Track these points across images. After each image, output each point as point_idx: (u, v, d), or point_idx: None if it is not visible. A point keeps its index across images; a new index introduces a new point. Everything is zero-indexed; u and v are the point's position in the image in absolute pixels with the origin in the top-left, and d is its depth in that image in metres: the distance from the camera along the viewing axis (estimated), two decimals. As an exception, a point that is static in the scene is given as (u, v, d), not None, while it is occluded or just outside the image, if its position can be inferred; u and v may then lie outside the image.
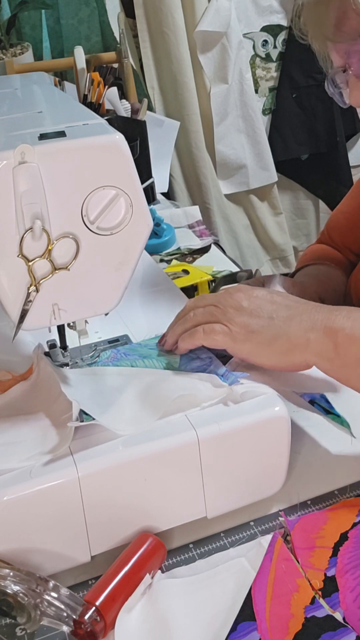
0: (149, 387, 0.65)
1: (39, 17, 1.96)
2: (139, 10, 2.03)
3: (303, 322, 0.65)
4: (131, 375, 0.68)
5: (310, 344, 0.64)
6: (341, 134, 2.36)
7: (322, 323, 0.64)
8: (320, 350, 0.64)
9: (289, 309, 0.67)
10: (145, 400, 0.64)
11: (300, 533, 0.63)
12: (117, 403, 0.63)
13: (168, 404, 0.62)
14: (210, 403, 0.63)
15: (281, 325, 0.65)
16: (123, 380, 0.67)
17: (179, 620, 0.55)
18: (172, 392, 0.63)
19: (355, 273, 0.94)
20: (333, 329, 0.63)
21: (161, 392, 0.64)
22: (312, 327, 0.64)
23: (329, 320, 0.64)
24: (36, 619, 0.54)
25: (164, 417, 0.61)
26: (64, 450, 0.58)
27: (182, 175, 2.22)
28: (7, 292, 0.59)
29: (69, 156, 0.56)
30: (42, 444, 0.60)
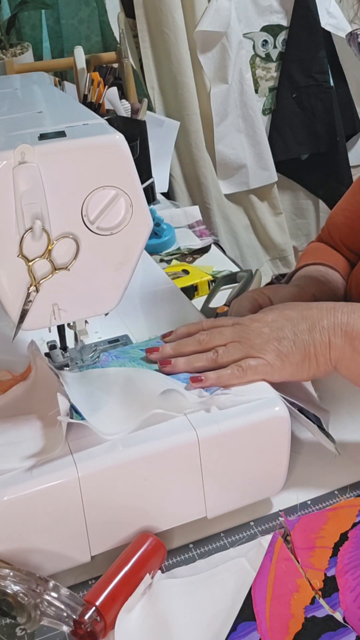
0: (134, 385, 0.65)
1: (39, 17, 1.96)
2: (139, 10, 2.03)
3: (324, 329, 0.66)
4: (116, 375, 0.67)
5: (331, 350, 0.65)
6: (341, 134, 2.36)
7: (341, 328, 0.65)
8: (339, 356, 0.65)
9: (306, 320, 0.67)
10: (131, 399, 0.63)
11: (300, 533, 0.63)
12: (103, 405, 0.63)
13: (153, 400, 0.61)
14: (193, 410, 0.62)
15: (306, 339, 0.66)
16: (109, 381, 0.66)
17: (179, 620, 0.55)
18: (157, 388, 0.63)
19: (355, 272, 0.94)
20: (352, 336, 0.65)
21: (147, 388, 0.64)
22: (333, 333, 0.65)
23: (348, 325, 0.65)
24: (36, 619, 0.54)
25: (151, 422, 0.61)
26: (63, 449, 0.58)
27: (182, 175, 2.22)
28: (7, 292, 0.59)
29: (69, 156, 0.56)
30: (42, 444, 0.60)
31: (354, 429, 0.76)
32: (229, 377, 0.65)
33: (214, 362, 0.67)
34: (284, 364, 0.66)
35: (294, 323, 0.67)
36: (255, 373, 0.66)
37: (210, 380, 0.65)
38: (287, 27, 2.25)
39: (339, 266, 0.98)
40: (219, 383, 0.65)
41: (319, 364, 0.66)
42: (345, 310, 0.67)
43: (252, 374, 0.66)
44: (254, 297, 0.84)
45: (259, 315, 0.71)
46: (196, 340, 0.70)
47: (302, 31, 2.23)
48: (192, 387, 0.64)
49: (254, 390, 0.65)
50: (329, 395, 0.80)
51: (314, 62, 2.26)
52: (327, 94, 2.30)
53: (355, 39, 0.76)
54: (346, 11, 0.80)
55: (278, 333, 0.67)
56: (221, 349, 0.68)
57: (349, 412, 0.78)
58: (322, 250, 1.03)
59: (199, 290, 1.13)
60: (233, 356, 0.67)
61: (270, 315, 0.69)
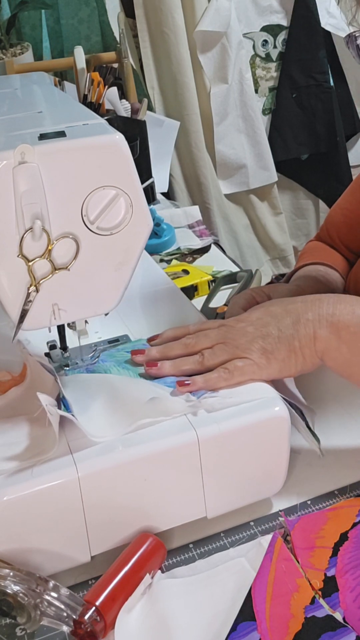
0: (121, 393, 0.65)
1: (39, 17, 1.96)
2: (139, 10, 2.03)
3: (309, 321, 0.65)
4: (102, 382, 0.67)
5: (317, 342, 0.65)
6: (341, 134, 2.36)
7: (326, 319, 0.65)
8: (325, 348, 0.65)
9: (291, 314, 0.67)
10: (116, 407, 0.63)
11: (300, 533, 0.63)
12: (90, 410, 0.63)
13: (140, 408, 0.61)
14: (182, 413, 0.62)
15: (291, 333, 0.66)
16: (94, 388, 0.66)
17: (179, 620, 0.55)
18: (144, 395, 0.62)
19: (354, 271, 0.94)
20: (338, 327, 0.64)
21: (133, 396, 0.63)
22: (318, 324, 0.65)
23: (333, 316, 0.65)
24: (36, 619, 0.54)
25: (137, 428, 0.61)
26: (62, 448, 0.58)
27: (182, 175, 2.22)
28: (7, 292, 0.59)
29: (69, 156, 0.56)
30: (42, 444, 0.60)
31: (354, 429, 0.76)
32: (216, 380, 0.65)
33: (200, 365, 0.67)
34: (269, 361, 0.66)
35: (279, 319, 0.67)
36: (242, 374, 0.65)
37: (197, 384, 0.64)
38: (287, 27, 2.25)
39: (338, 265, 0.98)
40: (207, 387, 0.65)
41: (305, 357, 0.66)
42: (331, 301, 0.66)
43: (239, 375, 0.65)
44: (252, 295, 0.84)
45: (245, 315, 0.70)
46: (182, 344, 0.69)
47: (302, 31, 2.23)
48: (179, 391, 0.64)
49: (245, 391, 0.65)
50: (329, 395, 0.80)
51: (314, 62, 2.27)
52: (327, 94, 2.30)
53: (354, 41, 0.76)
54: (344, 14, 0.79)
55: (262, 330, 0.67)
56: (207, 351, 0.67)
57: (348, 413, 0.78)
58: (321, 249, 1.03)
59: (199, 290, 1.13)
60: (219, 358, 0.66)
61: (255, 314, 0.69)
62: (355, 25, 0.78)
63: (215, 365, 0.66)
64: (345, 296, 0.67)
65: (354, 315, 0.64)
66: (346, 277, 0.97)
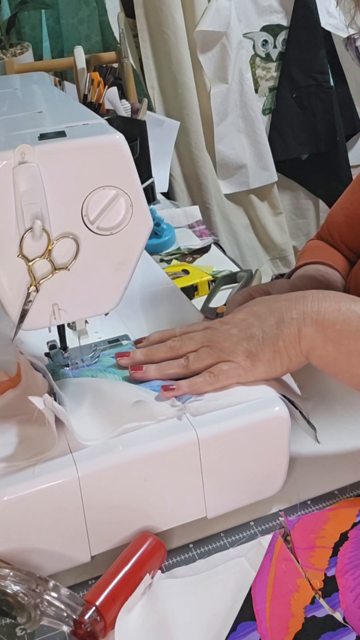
0: (106, 397, 0.64)
1: (39, 17, 1.96)
2: (139, 10, 2.03)
3: (293, 320, 0.65)
4: (87, 387, 0.66)
5: (302, 341, 0.64)
6: (341, 133, 2.36)
7: (311, 317, 0.64)
8: (310, 346, 0.64)
9: (274, 313, 0.66)
10: (101, 411, 0.63)
11: (300, 533, 0.63)
12: (77, 413, 0.62)
13: (125, 412, 0.61)
14: (167, 417, 0.62)
15: (275, 333, 0.65)
16: (79, 393, 0.65)
17: (179, 620, 0.55)
18: (129, 399, 0.62)
19: (355, 271, 0.94)
20: (323, 325, 0.64)
21: (118, 400, 0.63)
22: (303, 323, 0.64)
23: (319, 313, 0.64)
24: (36, 619, 0.54)
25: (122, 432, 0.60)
26: (62, 447, 0.58)
27: (182, 175, 2.22)
28: (7, 292, 0.59)
29: (69, 156, 0.56)
30: (42, 443, 0.60)
31: (354, 429, 0.76)
32: (202, 384, 0.64)
33: (185, 369, 0.66)
34: (254, 363, 0.65)
35: (262, 319, 0.66)
36: (228, 377, 0.65)
37: (182, 389, 0.64)
38: (287, 27, 2.25)
39: (338, 265, 0.97)
40: (192, 391, 0.64)
41: (291, 357, 0.65)
42: (316, 298, 0.66)
43: (224, 379, 0.65)
44: (250, 293, 0.83)
45: (229, 316, 0.70)
46: (167, 347, 0.69)
47: (302, 31, 2.23)
48: (164, 397, 0.63)
49: (238, 392, 0.64)
50: (329, 395, 0.80)
51: (314, 62, 2.27)
52: (327, 94, 2.30)
53: (352, 43, 0.76)
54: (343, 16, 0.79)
55: (247, 332, 0.66)
56: (192, 355, 0.67)
57: (348, 413, 0.78)
58: (321, 248, 1.03)
59: (199, 290, 1.13)
60: (204, 361, 0.66)
61: (239, 315, 0.69)
62: (354, 28, 0.78)
63: (200, 369, 0.66)
64: (330, 293, 0.67)
65: (340, 312, 0.64)
66: (346, 276, 0.97)
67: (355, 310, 0.64)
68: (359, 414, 0.78)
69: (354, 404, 0.78)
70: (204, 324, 0.71)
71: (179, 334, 0.71)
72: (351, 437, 0.75)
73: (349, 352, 0.63)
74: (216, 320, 0.70)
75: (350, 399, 0.79)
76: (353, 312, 0.64)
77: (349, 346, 0.63)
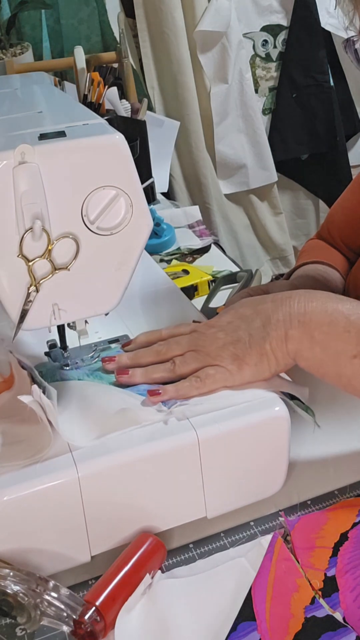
0: (92, 402, 0.64)
1: (39, 17, 1.96)
2: (139, 10, 2.03)
3: (279, 322, 0.64)
4: (75, 390, 0.66)
5: (288, 343, 0.64)
6: (341, 133, 2.36)
7: (297, 319, 0.63)
8: (297, 348, 0.64)
9: (260, 315, 0.65)
10: (87, 415, 0.62)
11: (300, 533, 0.63)
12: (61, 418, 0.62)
13: (110, 418, 0.60)
14: (152, 421, 0.61)
15: (262, 337, 0.64)
16: (68, 396, 0.65)
17: (179, 620, 0.55)
18: (114, 405, 0.62)
19: (354, 271, 0.94)
20: (310, 326, 0.63)
21: (103, 406, 0.63)
22: (289, 324, 0.64)
23: (305, 315, 0.63)
24: (36, 619, 0.54)
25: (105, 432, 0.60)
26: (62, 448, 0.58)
27: (182, 175, 2.22)
28: (7, 292, 0.59)
29: (69, 156, 0.56)
30: (38, 442, 0.60)
31: (354, 429, 0.76)
32: (188, 389, 0.64)
33: (171, 373, 0.66)
34: (241, 367, 0.64)
35: (248, 321, 0.66)
36: (214, 382, 0.64)
37: (168, 393, 0.63)
38: (287, 27, 2.25)
39: (338, 265, 0.97)
40: (178, 396, 0.64)
41: (278, 359, 0.64)
42: (302, 299, 0.65)
43: (211, 383, 0.64)
44: (249, 293, 0.83)
45: (215, 319, 0.69)
46: (154, 351, 0.68)
47: (302, 31, 2.23)
48: (150, 401, 0.63)
49: (230, 394, 0.64)
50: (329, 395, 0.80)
51: (314, 62, 2.27)
52: (327, 94, 2.30)
53: (351, 45, 0.76)
54: (341, 18, 0.78)
55: (233, 336, 0.65)
56: (178, 359, 0.66)
57: (348, 413, 0.78)
58: (321, 248, 1.03)
59: (199, 290, 1.13)
60: (190, 366, 0.66)
61: (225, 317, 0.68)
62: (353, 30, 0.78)
63: (186, 373, 0.65)
64: (317, 293, 0.66)
65: (326, 313, 0.63)
66: (346, 276, 0.97)
67: (342, 311, 0.63)
68: (359, 414, 0.78)
69: (354, 404, 0.78)
70: (191, 326, 0.70)
71: (166, 335, 0.70)
72: (351, 437, 0.75)
73: (336, 353, 0.62)
74: (203, 323, 0.70)
75: (350, 398, 0.79)
76: (340, 312, 0.63)
77: (336, 347, 0.62)
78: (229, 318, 0.68)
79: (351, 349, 0.61)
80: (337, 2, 0.78)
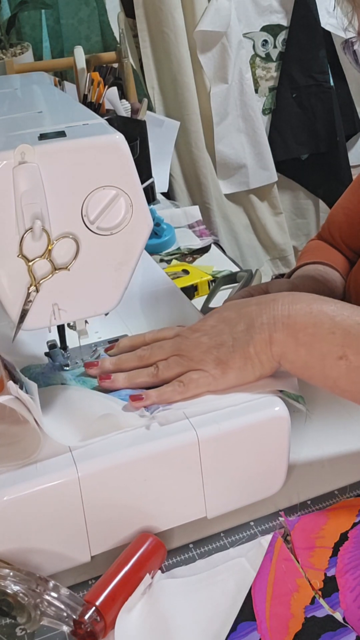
0: (74, 407, 0.64)
1: (39, 17, 1.96)
2: (139, 10, 2.03)
3: (263, 325, 0.64)
4: (57, 394, 0.65)
5: (273, 346, 0.63)
6: (341, 133, 2.36)
7: (282, 322, 0.63)
8: (281, 351, 0.63)
9: (244, 319, 0.65)
10: (70, 419, 0.62)
11: (300, 533, 0.63)
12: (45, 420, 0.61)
13: (92, 424, 0.60)
14: (134, 427, 0.61)
15: (245, 340, 0.64)
16: (50, 400, 0.65)
17: (179, 620, 0.55)
18: (96, 411, 0.62)
19: (354, 271, 0.94)
20: (294, 328, 0.62)
21: (85, 411, 0.63)
22: (274, 327, 0.63)
23: (290, 317, 0.63)
24: (36, 619, 0.54)
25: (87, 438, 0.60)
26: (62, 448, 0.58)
27: (182, 175, 2.22)
28: (7, 292, 0.59)
29: (69, 156, 0.56)
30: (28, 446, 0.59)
31: (354, 429, 0.76)
32: (171, 394, 0.63)
33: (155, 378, 0.65)
34: (225, 371, 0.64)
35: (232, 325, 0.65)
36: (198, 386, 0.64)
37: (151, 398, 0.63)
38: (287, 27, 2.25)
39: (339, 265, 0.97)
40: (161, 401, 0.63)
41: (263, 363, 0.64)
42: (286, 301, 0.64)
43: (194, 388, 0.64)
44: (250, 292, 0.83)
45: (199, 322, 0.69)
46: (137, 356, 0.68)
47: (302, 31, 2.23)
48: (133, 407, 0.62)
49: (203, 402, 0.64)
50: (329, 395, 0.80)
51: (314, 62, 2.27)
52: (327, 94, 2.30)
53: (350, 47, 0.76)
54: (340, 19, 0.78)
55: (217, 340, 0.65)
56: (162, 363, 0.66)
57: (348, 413, 0.78)
58: (322, 248, 1.03)
59: (199, 290, 1.13)
60: (174, 370, 0.65)
61: (209, 321, 0.67)
62: (352, 31, 0.78)
63: (170, 378, 0.65)
64: (302, 295, 0.65)
65: (311, 315, 0.62)
66: (346, 276, 0.97)
67: (326, 312, 0.62)
68: (359, 414, 0.78)
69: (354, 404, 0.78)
70: (175, 330, 0.70)
71: (149, 339, 0.70)
72: (351, 437, 0.75)
73: (321, 354, 0.62)
74: (187, 327, 0.69)
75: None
76: (324, 313, 0.62)
77: (322, 349, 0.61)
78: (212, 322, 0.67)
79: (337, 350, 0.61)
80: (336, 4, 0.78)
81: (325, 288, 0.90)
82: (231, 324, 0.65)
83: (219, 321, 0.67)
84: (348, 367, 0.61)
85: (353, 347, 0.60)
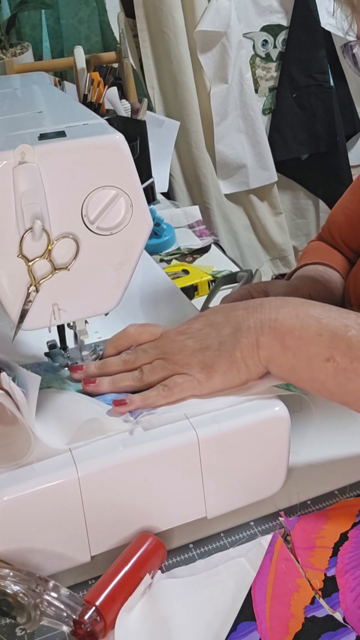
0: (59, 411, 0.63)
1: (39, 17, 1.96)
2: (139, 10, 2.03)
3: (250, 329, 0.63)
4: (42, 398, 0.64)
5: (260, 350, 0.63)
6: (341, 133, 2.36)
7: (269, 325, 0.62)
8: (269, 355, 0.63)
9: (231, 322, 0.64)
10: (55, 423, 0.62)
11: (300, 533, 0.63)
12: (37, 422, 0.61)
13: (76, 429, 0.60)
14: (118, 431, 0.60)
15: (231, 344, 0.63)
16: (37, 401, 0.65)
17: (179, 620, 0.55)
18: (82, 416, 0.61)
19: (354, 272, 0.94)
20: (281, 332, 0.62)
21: (70, 415, 0.62)
22: (260, 331, 0.63)
23: (277, 321, 0.62)
24: (36, 619, 0.54)
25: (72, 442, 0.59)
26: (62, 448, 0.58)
27: (182, 175, 2.22)
28: (7, 292, 0.59)
29: (69, 156, 0.56)
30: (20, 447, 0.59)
31: (354, 429, 0.76)
32: (155, 398, 0.63)
33: (139, 382, 0.65)
34: (210, 375, 0.63)
35: (219, 329, 0.65)
36: (182, 390, 0.63)
37: (135, 403, 0.62)
38: (287, 27, 2.25)
39: (339, 265, 0.98)
40: (145, 406, 0.63)
41: (249, 367, 0.63)
42: (273, 305, 0.64)
43: (178, 392, 0.63)
44: (248, 290, 0.83)
45: (185, 325, 0.68)
46: (121, 360, 0.67)
47: (302, 31, 2.23)
48: (116, 412, 0.62)
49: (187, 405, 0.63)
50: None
51: (314, 62, 2.27)
52: (327, 94, 2.30)
53: (349, 50, 0.76)
54: (340, 22, 0.78)
55: (202, 343, 0.64)
56: (146, 367, 0.65)
57: (349, 413, 0.78)
58: (322, 249, 1.03)
59: (199, 290, 1.13)
60: (158, 374, 0.64)
61: (196, 325, 0.67)
62: (351, 34, 0.77)
63: (154, 382, 0.64)
64: (289, 299, 0.65)
65: (298, 318, 0.62)
66: (346, 276, 0.97)
67: (313, 315, 0.62)
68: (359, 414, 0.77)
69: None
70: (162, 329, 0.69)
71: (134, 333, 0.69)
72: (351, 437, 0.75)
73: (308, 357, 0.61)
74: (172, 330, 0.68)
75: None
76: (311, 316, 0.62)
77: (309, 351, 0.61)
78: (199, 325, 0.66)
79: (324, 352, 0.60)
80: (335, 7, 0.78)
81: (325, 288, 0.90)
82: (217, 328, 0.65)
83: (205, 324, 0.66)
84: (335, 369, 0.60)
85: (340, 349, 0.60)
